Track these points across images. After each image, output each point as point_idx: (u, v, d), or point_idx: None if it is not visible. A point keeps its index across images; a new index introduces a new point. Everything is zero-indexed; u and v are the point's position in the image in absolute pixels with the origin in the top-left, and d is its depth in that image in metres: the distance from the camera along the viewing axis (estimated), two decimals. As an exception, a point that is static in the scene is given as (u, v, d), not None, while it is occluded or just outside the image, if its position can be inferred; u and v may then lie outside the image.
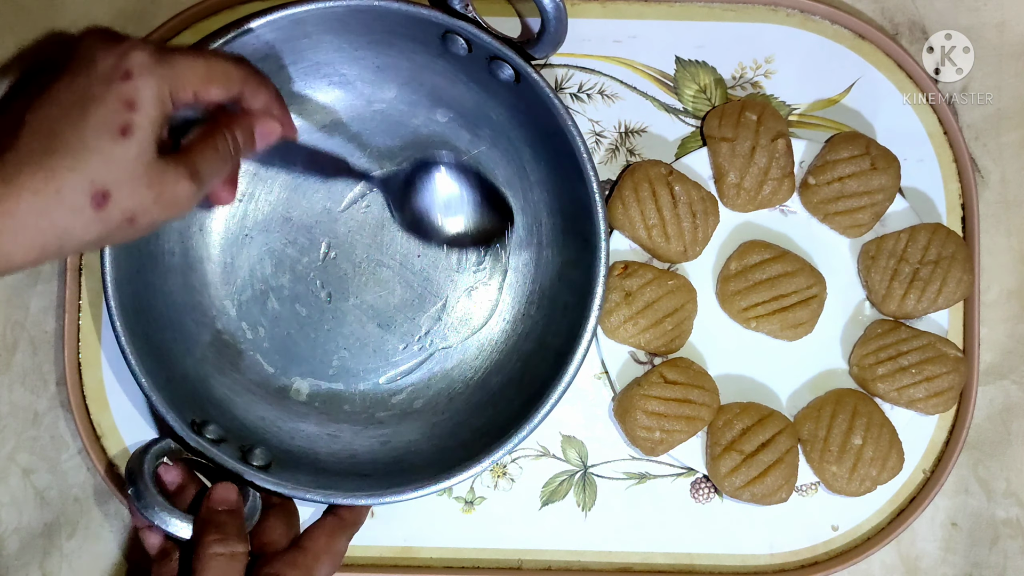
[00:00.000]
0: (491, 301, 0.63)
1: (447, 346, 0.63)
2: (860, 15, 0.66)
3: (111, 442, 0.62)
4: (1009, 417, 0.65)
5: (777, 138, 0.62)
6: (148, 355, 0.56)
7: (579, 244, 0.59)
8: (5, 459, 0.62)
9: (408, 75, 0.61)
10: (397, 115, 0.62)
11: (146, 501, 0.53)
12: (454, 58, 0.58)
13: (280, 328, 0.62)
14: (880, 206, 0.62)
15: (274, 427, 0.60)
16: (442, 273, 0.63)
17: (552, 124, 0.57)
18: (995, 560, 0.64)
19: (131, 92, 0.43)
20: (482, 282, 0.63)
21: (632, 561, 0.63)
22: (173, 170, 0.45)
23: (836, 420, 0.61)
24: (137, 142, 0.43)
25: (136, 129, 0.43)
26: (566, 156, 0.57)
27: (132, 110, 0.43)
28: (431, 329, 0.63)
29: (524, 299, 0.63)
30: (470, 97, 0.61)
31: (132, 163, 0.43)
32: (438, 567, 0.63)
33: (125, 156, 0.43)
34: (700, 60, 0.65)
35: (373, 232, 0.62)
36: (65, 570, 0.62)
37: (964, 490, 0.65)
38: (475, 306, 0.63)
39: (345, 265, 0.62)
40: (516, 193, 0.62)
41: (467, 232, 0.61)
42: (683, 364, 0.62)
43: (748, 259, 0.62)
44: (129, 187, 0.43)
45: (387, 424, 0.62)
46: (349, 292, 0.62)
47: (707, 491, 0.64)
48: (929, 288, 0.61)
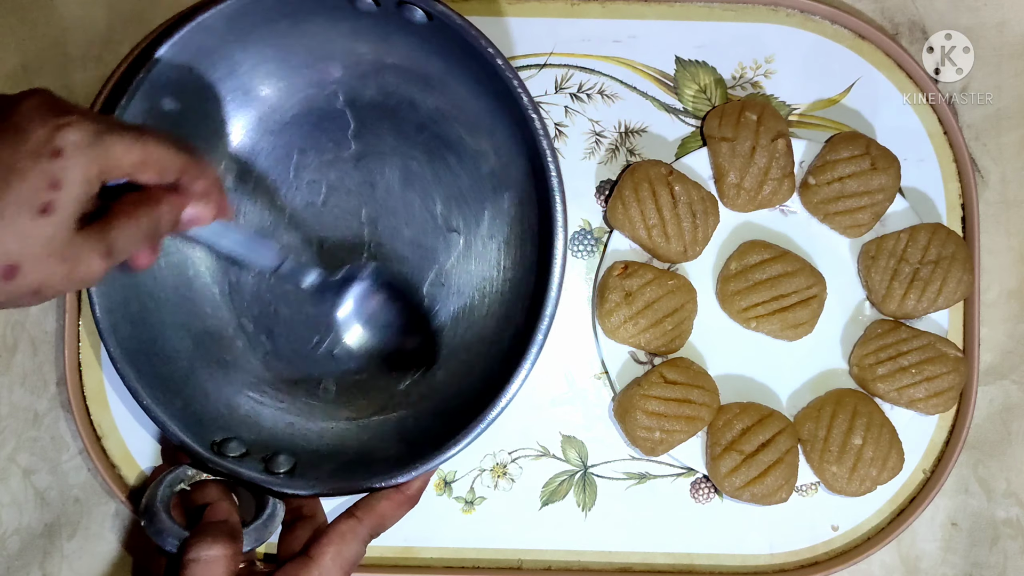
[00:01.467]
0: (491, 262, 0.62)
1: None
2: (860, 15, 0.66)
3: (111, 442, 0.62)
4: (1009, 417, 0.65)
5: (777, 138, 0.62)
6: (157, 385, 0.56)
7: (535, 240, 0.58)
8: (6, 460, 0.62)
9: (332, 50, 0.60)
10: (352, 93, 0.62)
11: (164, 535, 0.52)
12: (369, 16, 0.57)
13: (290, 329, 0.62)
14: (880, 206, 0.62)
15: (303, 430, 0.60)
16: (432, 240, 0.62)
17: (478, 59, 0.55)
18: (995, 560, 0.64)
19: (58, 172, 0.41)
20: (483, 242, 0.62)
21: (632, 561, 0.63)
22: (88, 247, 0.43)
23: (836, 420, 0.61)
24: (55, 221, 0.42)
25: (57, 209, 0.42)
26: (504, 95, 0.56)
27: (56, 189, 0.41)
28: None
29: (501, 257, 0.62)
30: (396, 52, 0.60)
31: (47, 241, 0.42)
32: (438, 567, 0.63)
33: (41, 234, 0.41)
34: (700, 60, 0.65)
35: (362, 215, 0.62)
36: (65, 570, 0.62)
37: (964, 490, 0.65)
38: (471, 270, 0.62)
39: (341, 255, 0.62)
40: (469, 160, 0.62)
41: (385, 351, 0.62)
42: (683, 364, 0.62)
43: (748, 259, 0.62)
44: (41, 263, 0.42)
45: (404, 407, 0.61)
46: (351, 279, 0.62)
47: (707, 491, 0.64)
48: (929, 288, 0.61)
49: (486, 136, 0.61)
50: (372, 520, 0.55)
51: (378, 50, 0.60)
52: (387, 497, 0.55)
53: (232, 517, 0.54)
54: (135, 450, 0.62)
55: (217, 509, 0.54)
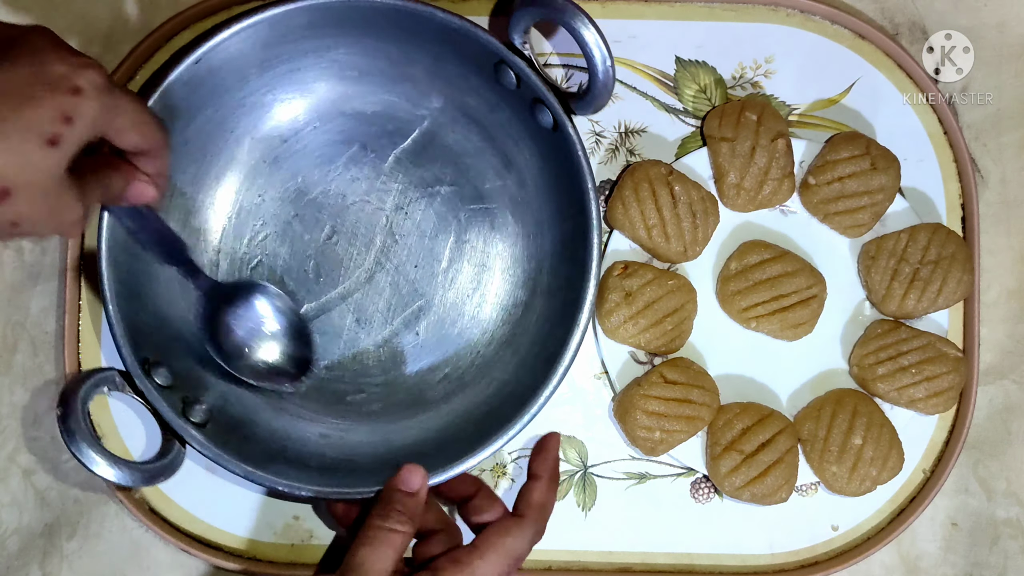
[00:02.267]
0: (483, 320, 0.63)
1: (416, 355, 0.63)
2: (860, 15, 0.66)
3: (111, 442, 0.62)
4: (1009, 417, 0.65)
5: (777, 138, 0.62)
6: (127, 296, 0.56)
7: (571, 280, 0.59)
8: (6, 460, 0.62)
9: (443, 86, 0.62)
10: (436, 127, 0.63)
11: (74, 433, 0.53)
12: (501, 88, 0.59)
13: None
14: (880, 206, 0.62)
15: (224, 384, 0.60)
16: (431, 286, 0.63)
17: (575, 182, 0.58)
18: (995, 560, 0.64)
19: (73, 107, 0.42)
20: (467, 298, 0.63)
21: (632, 561, 0.63)
22: (71, 192, 0.44)
23: (836, 420, 0.61)
24: (58, 156, 0.42)
25: (63, 143, 0.42)
26: (578, 215, 0.58)
27: (67, 124, 0.42)
28: (404, 335, 0.63)
29: (505, 322, 0.63)
30: (504, 126, 0.62)
31: (44, 173, 0.42)
32: (438, 567, 0.62)
33: (43, 165, 0.42)
34: (700, 60, 0.65)
35: (380, 231, 0.63)
36: (65, 571, 0.62)
37: (964, 490, 0.65)
38: (454, 320, 0.63)
39: (343, 254, 0.62)
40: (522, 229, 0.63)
41: None
42: (683, 364, 0.62)
43: (748, 259, 0.62)
44: (31, 194, 0.42)
45: (344, 418, 0.62)
46: (339, 281, 0.62)
47: (707, 491, 0.64)
48: (929, 288, 0.61)
49: (532, 217, 0.63)
50: (534, 513, 0.57)
51: (484, 113, 0.62)
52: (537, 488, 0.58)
53: (421, 494, 0.55)
54: (135, 450, 0.62)
55: (411, 479, 0.55)
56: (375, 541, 0.52)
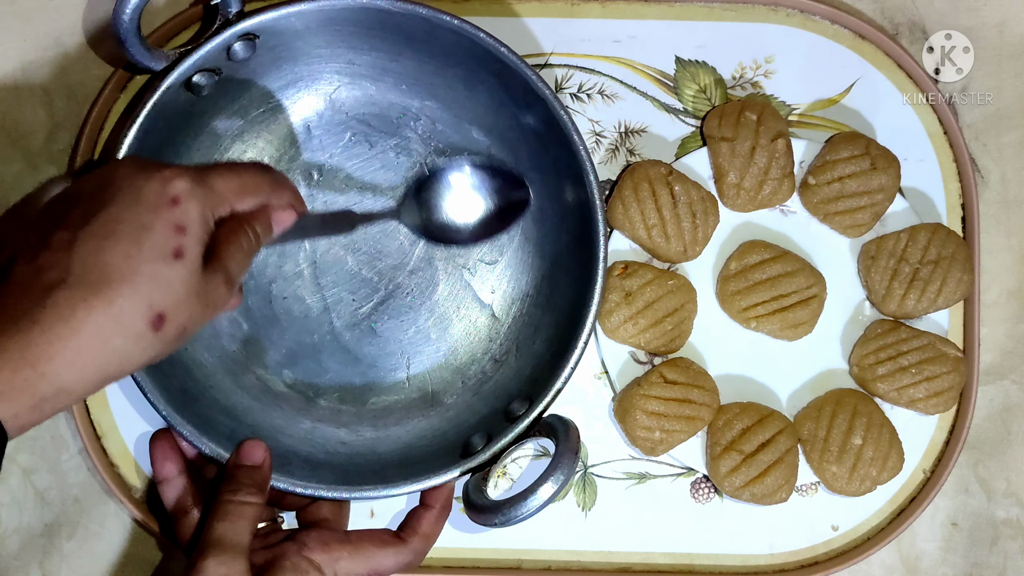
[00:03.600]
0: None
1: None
2: (860, 15, 0.66)
3: (111, 442, 0.62)
4: (1009, 417, 0.65)
5: (777, 138, 0.62)
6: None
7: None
8: (6, 459, 0.62)
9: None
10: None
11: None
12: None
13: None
14: (880, 206, 0.62)
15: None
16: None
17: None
18: (995, 560, 0.64)
19: (180, 217, 0.45)
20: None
21: (632, 561, 0.63)
22: (214, 279, 0.46)
23: (836, 420, 0.61)
24: (188, 263, 0.45)
25: (187, 251, 0.45)
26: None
27: (182, 234, 0.45)
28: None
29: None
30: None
31: (184, 284, 0.44)
32: (437, 567, 0.62)
33: (178, 278, 0.44)
34: (700, 60, 0.65)
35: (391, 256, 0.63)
36: (65, 570, 0.62)
37: (964, 490, 0.65)
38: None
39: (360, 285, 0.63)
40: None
41: (489, 216, 0.61)
42: (683, 364, 0.62)
43: (748, 259, 0.62)
44: (182, 305, 0.45)
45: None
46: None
47: (707, 491, 0.64)
48: (929, 288, 0.61)
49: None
50: (417, 542, 0.58)
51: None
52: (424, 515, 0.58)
53: (265, 466, 0.56)
54: (135, 450, 0.62)
55: (252, 453, 0.56)
56: (229, 515, 0.52)
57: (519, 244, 0.63)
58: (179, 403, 0.56)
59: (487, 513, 0.56)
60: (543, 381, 0.58)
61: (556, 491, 0.54)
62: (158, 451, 0.57)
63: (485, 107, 0.61)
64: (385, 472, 0.58)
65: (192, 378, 0.59)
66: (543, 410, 0.58)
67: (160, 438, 0.58)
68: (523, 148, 0.62)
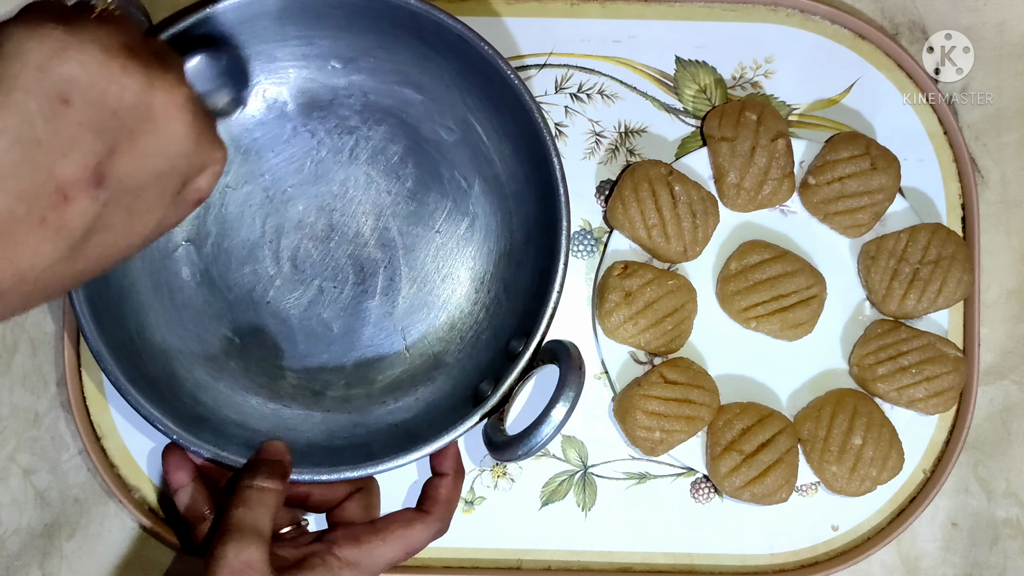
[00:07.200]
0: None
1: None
2: (860, 15, 0.66)
3: (111, 443, 0.62)
4: (1009, 417, 0.65)
5: (777, 138, 0.62)
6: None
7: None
8: (6, 460, 0.62)
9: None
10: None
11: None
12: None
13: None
14: (880, 206, 0.62)
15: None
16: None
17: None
18: (995, 560, 0.64)
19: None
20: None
21: (632, 561, 0.63)
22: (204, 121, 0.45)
23: (836, 420, 0.61)
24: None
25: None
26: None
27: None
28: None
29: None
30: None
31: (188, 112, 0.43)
32: (437, 567, 0.63)
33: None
34: (700, 60, 0.65)
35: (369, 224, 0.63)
36: (65, 571, 0.62)
37: (964, 490, 0.65)
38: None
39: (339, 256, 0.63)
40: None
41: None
42: (683, 364, 0.62)
43: (748, 259, 0.62)
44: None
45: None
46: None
47: (707, 491, 0.64)
48: (929, 288, 0.61)
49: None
50: (440, 510, 0.58)
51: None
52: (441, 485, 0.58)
53: (285, 458, 0.55)
54: (135, 450, 0.62)
55: (273, 448, 0.56)
56: (248, 501, 0.52)
57: (480, 191, 0.62)
58: (194, 428, 0.56)
59: (509, 448, 0.55)
60: (535, 312, 0.57)
61: (569, 410, 0.54)
62: (171, 462, 0.57)
63: (409, 63, 0.61)
64: (405, 440, 0.58)
65: (199, 402, 0.59)
66: (541, 339, 0.57)
67: (171, 450, 0.57)
68: (455, 91, 0.61)
